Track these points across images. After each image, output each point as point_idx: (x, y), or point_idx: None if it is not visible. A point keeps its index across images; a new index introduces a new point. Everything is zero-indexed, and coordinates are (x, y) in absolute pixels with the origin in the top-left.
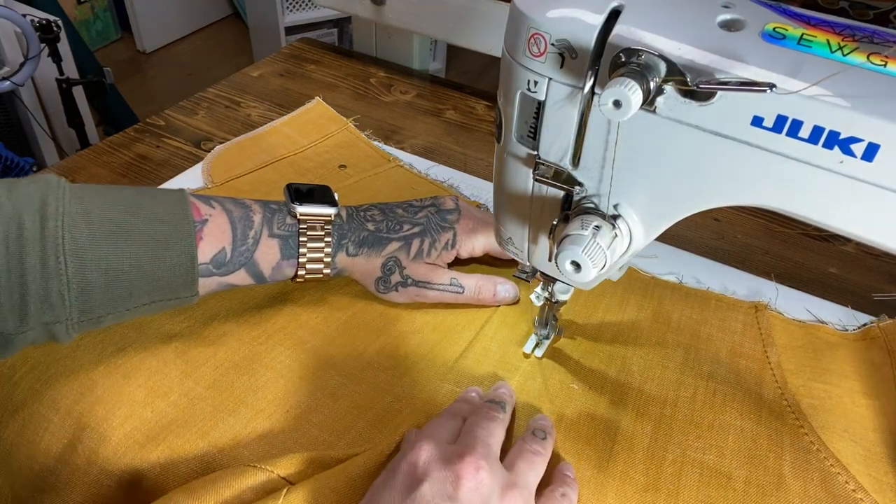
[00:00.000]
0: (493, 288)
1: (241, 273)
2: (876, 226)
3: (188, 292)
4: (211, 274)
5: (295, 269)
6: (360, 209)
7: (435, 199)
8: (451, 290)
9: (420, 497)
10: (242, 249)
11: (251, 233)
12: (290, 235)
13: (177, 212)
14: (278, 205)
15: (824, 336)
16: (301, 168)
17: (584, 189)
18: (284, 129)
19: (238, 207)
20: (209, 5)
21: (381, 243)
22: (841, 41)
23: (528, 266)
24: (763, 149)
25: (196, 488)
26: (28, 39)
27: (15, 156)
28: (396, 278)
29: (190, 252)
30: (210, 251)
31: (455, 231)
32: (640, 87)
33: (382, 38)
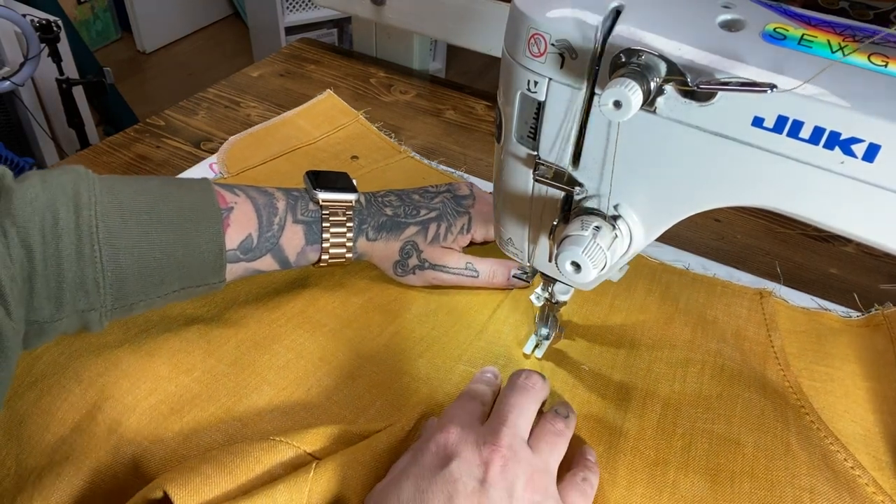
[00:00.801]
0: (506, 272)
1: (268, 258)
2: (876, 226)
3: (216, 278)
4: (238, 260)
5: (319, 253)
6: (377, 195)
7: (451, 186)
8: (467, 273)
9: (449, 475)
10: (268, 235)
11: (276, 219)
12: (313, 221)
13: (203, 200)
14: (300, 192)
15: (827, 322)
16: (315, 159)
17: (584, 189)
18: (298, 120)
19: (261, 195)
20: (209, 5)
21: (400, 227)
22: (841, 41)
23: (528, 266)
24: (764, 149)
25: (225, 462)
26: (28, 39)
27: (15, 156)
28: (414, 262)
29: (218, 239)
30: (237, 238)
31: (470, 215)
32: (641, 87)
33: (382, 38)
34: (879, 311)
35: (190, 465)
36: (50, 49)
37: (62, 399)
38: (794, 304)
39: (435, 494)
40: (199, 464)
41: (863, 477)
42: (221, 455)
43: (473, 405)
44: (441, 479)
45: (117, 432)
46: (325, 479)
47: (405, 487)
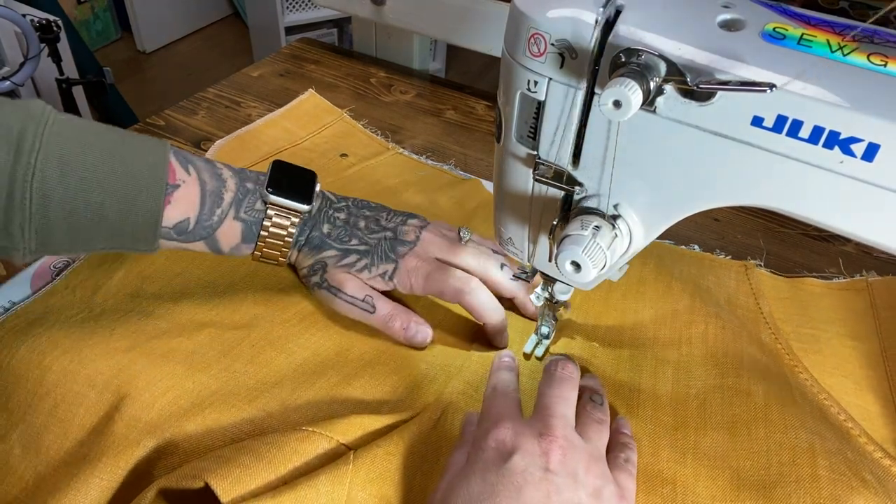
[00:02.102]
0: (406, 322)
1: (200, 244)
2: (876, 226)
3: (147, 247)
4: (171, 238)
5: (252, 251)
6: (332, 205)
7: (401, 224)
8: (362, 305)
9: (514, 467)
10: (206, 224)
11: (218, 210)
12: (254, 222)
13: (152, 171)
14: (255, 184)
15: (809, 288)
16: (303, 158)
17: (584, 189)
18: (282, 121)
19: (213, 179)
20: (209, 5)
21: (323, 248)
22: (841, 41)
23: (528, 266)
24: (763, 149)
25: (262, 452)
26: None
27: None
28: (315, 279)
29: (155, 214)
30: (174, 217)
31: (397, 266)
32: (640, 87)
33: (382, 38)
34: (864, 277)
35: (225, 455)
36: (50, 49)
37: (78, 405)
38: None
39: (505, 486)
40: (236, 454)
41: (855, 429)
42: (257, 445)
43: (510, 398)
44: (507, 471)
45: (137, 428)
46: (363, 471)
47: (473, 483)
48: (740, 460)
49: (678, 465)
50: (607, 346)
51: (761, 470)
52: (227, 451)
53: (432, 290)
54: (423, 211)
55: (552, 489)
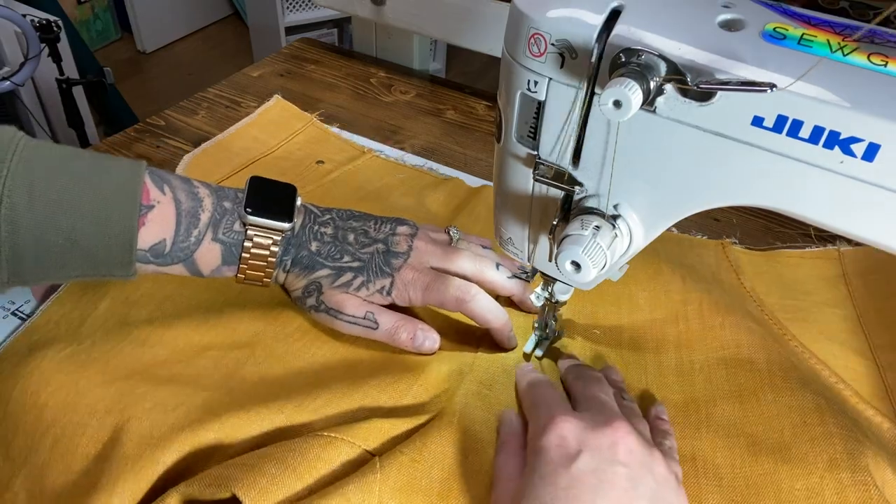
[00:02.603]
0: (412, 331)
1: (179, 267)
2: (876, 226)
3: (123, 271)
4: (148, 262)
5: (235, 273)
6: (316, 220)
7: (391, 233)
8: (364, 323)
9: (584, 468)
10: (183, 246)
11: (195, 231)
12: (234, 244)
13: (125, 191)
14: (233, 203)
15: (784, 260)
16: (279, 168)
17: (584, 189)
18: (250, 130)
19: (189, 198)
20: (209, 5)
21: (314, 267)
22: (841, 41)
23: (528, 266)
24: (763, 149)
25: (287, 461)
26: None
27: None
28: (311, 301)
29: (129, 235)
30: (150, 239)
31: (393, 279)
32: (640, 87)
33: (382, 38)
34: (836, 247)
35: (249, 463)
36: (50, 49)
37: (79, 435)
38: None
39: (581, 489)
40: (260, 462)
41: (846, 389)
42: (280, 452)
43: (553, 392)
44: (579, 472)
45: (150, 445)
46: (391, 479)
47: (543, 489)
48: (753, 427)
49: (694, 441)
50: (608, 335)
51: (775, 433)
52: (250, 458)
53: (432, 301)
54: (412, 213)
55: (628, 483)
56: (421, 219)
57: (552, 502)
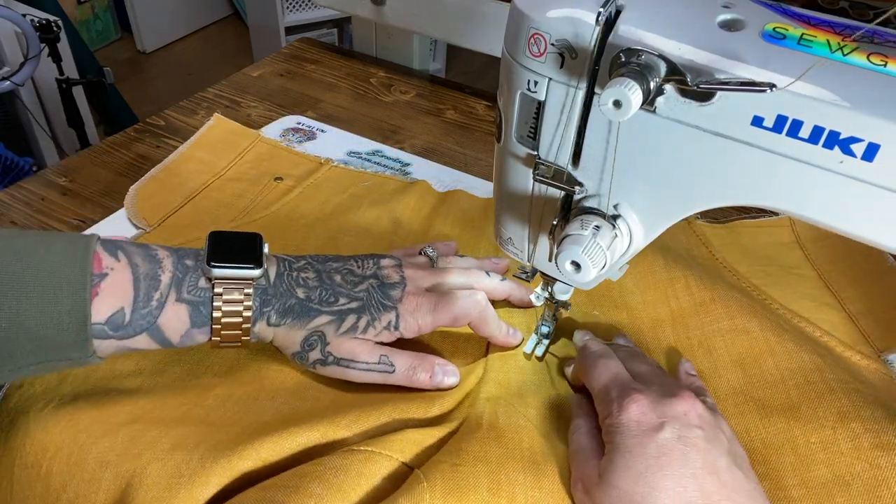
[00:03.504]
0: (429, 369)
1: (144, 338)
2: (876, 226)
3: (81, 353)
4: (107, 336)
5: (208, 336)
6: (293, 266)
7: (378, 268)
8: (380, 368)
9: (670, 437)
10: (144, 313)
11: (156, 294)
12: (201, 302)
13: (73, 262)
14: (195, 259)
15: (744, 230)
16: (234, 191)
17: (584, 189)
18: (196, 153)
19: (147, 261)
20: (209, 5)
21: (309, 315)
22: (841, 41)
23: (528, 266)
24: (763, 149)
25: (330, 480)
26: (28, 39)
27: (14, 156)
28: (316, 356)
29: (81, 309)
30: (106, 310)
31: (398, 312)
32: (640, 87)
33: (382, 38)
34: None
35: (291, 484)
36: (50, 49)
37: (94, 492)
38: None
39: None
40: (303, 483)
41: (831, 340)
42: (319, 471)
43: (619, 369)
44: (666, 441)
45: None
46: (439, 487)
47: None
48: (760, 392)
49: None
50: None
51: (782, 395)
52: (290, 480)
53: (443, 320)
54: (385, 223)
55: (707, 444)
56: (396, 228)
57: (646, 471)
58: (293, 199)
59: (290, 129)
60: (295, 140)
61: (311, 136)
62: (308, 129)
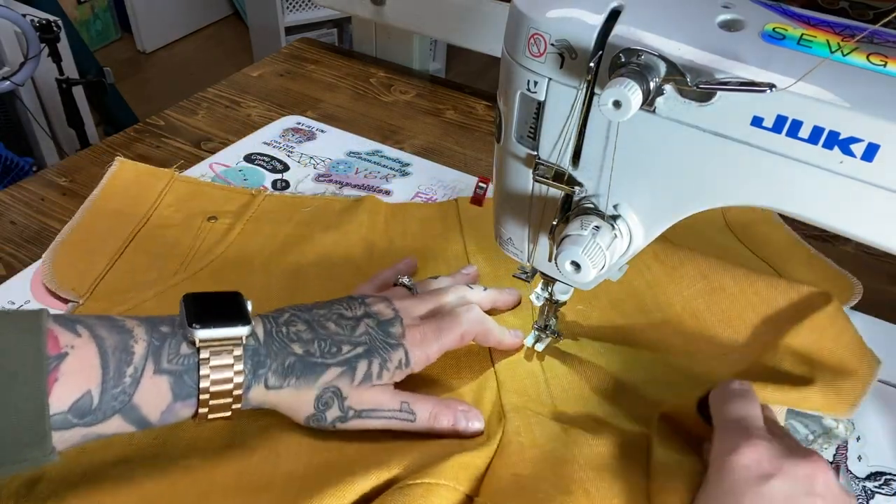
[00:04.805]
0: (452, 416)
1: (116, 420)
2: (876, 226)
3: (40, 451)
4: (71, 426)
5: (194, 409)
6: (279, 321)
7: (367, 307)
8: (402, 416)
9: (777, 490)
10: (116, 392)
11: (129, 370)
12: (185, 370)
13: (23, 344)
14: (171, 326)
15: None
16: (166, 239)
17: (584, 189)
18: (107, 205)
19: (113, 333)
20: (209, 5)
21: (315, 371)
22: (841, 41)
23: (528, 266)
24: (763, 149)
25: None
26: (28, 39)
27: (14, 156)
28: (335, 413)
29: (38, 399)
30: (69, 396)
31: (405, 348)
32: (640, 87)
33: (382, 38)
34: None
35: None
36: (50, 49)
37: None
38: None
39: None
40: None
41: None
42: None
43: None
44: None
45: None
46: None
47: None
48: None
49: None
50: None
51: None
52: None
53: (450, 343)
54: (345, 246)
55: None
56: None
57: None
58: (236, 238)
59: (289, 129)
60: (295, 140)
61: (311, 136)
62: (308, 129)
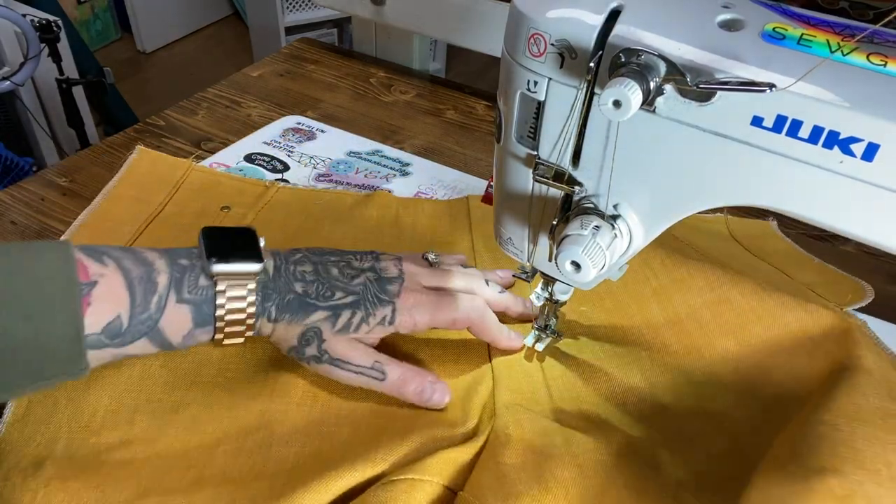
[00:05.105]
0: (420, 383)
1: (143, 343)
2: (876, 226)
3: (75, 367)
4: (103, 346)
5: (211, 335)
6: (290, 260)
7: (376, 261)
8: (370, 373)
9: None
10: (144, 317)
11: (154, 298)
12: (203, 301)
13: (58, 272)
14: (190, 259)
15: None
16: (179, 225)
17: (584, 189)
18: (125, 192)
19: (138, 265)
20: (209, 5)
21: (306, 310)
22: (841, 41)
23: (528, 266)
24: (763, 149)
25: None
26: (28, 39)
27: (14, 156)
28: (312, 351)
29: (74, 322)
30: (102, 319)
31: (395, 306)
32: (640, 87)
33: (382, 38)
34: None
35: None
36: (50, 49)
37: None
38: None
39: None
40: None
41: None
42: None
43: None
44: None
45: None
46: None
47: None
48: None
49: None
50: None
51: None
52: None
53: (442, 321)
54: (353, 240)
55: None
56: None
57: None
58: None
59: (290, 129)
60: (295, 140)
61: (311, 136)
62: (308, 129)
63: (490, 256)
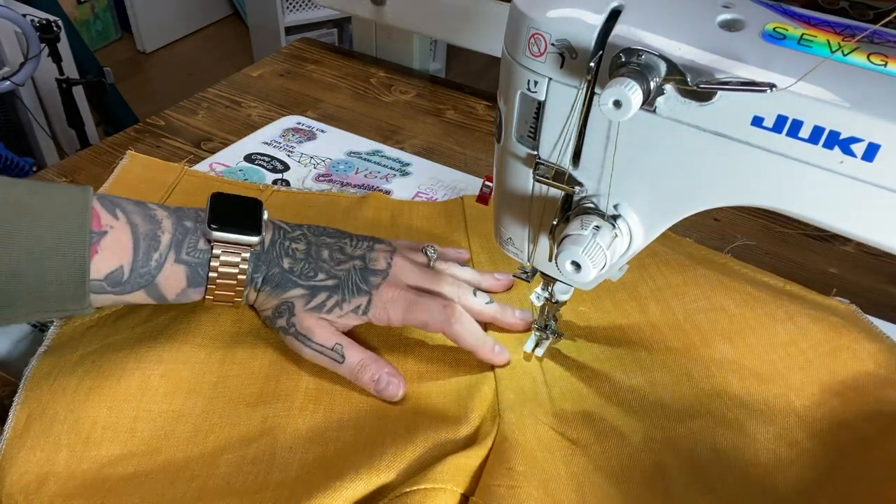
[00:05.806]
0: (376, 372)
1: (140, 294)
2: (876, 226)
3: (78, 306)
4: (105, 291)
5: (202, 295)
6: (287, 235)
7: (369, 250)
8: (330, 354)
9: None
10: (143, 272)
11: (155, 255)
12: (199, 264)
13: (71, 219)
14: (195, 221)
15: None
16: None
17: (584, 189)
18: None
19: (145, 221)
20: (209, 5)
21: (286, 286)
22: (841, 41)
23: (528, 266)
24: (763, 149)
25: None
26: (28, 39)
27: (14, 156)
28: (281, 322)
29: (81, 266)
30: (105, 268)
31: (371, 298)
32: (640, 87)
33: (382, 38)
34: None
35: None
36: (50, 49)
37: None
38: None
39: None
40: None
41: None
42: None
43: None
44: None
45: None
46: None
47: None
48: (750, 361)
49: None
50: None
51: (769, 366)
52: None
53: (414, 321)
54: None
55: None
56: None
57: None
58: None
59: (290, 129)
60: (295, 140)
61: (311, 136)
62: (308, 129)
63: (486, 256)
